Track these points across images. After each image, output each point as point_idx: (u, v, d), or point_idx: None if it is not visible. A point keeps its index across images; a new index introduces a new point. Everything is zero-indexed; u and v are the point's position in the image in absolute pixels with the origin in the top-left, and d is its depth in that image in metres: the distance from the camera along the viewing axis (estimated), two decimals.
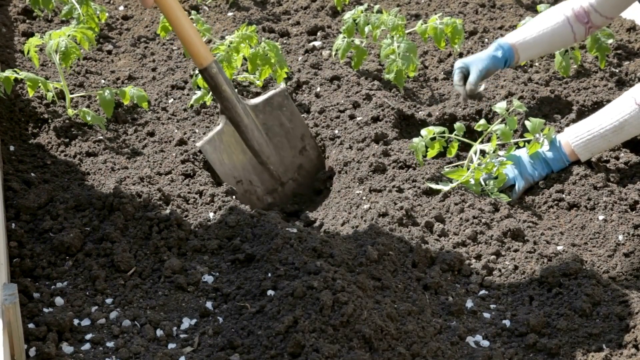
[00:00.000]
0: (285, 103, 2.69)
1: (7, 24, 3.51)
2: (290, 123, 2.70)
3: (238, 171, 2.63)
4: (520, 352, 2.05)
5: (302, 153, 2.77)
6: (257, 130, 2.62)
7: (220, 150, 2.60)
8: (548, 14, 2.88)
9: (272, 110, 2.67)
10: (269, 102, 2.68)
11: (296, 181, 2.76)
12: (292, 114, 2.72)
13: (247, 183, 2.65)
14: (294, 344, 1.87)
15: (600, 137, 2.65)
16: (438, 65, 3.48)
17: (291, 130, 2.71)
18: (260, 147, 2.64)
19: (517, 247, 2.38)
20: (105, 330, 1.99)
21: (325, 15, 3.86)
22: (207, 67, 2.54)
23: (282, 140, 2.68)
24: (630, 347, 2.03)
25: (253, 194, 2.66)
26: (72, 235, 2.20)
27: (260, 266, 2.17)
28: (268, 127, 2.66)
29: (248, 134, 2.61)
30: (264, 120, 2.65)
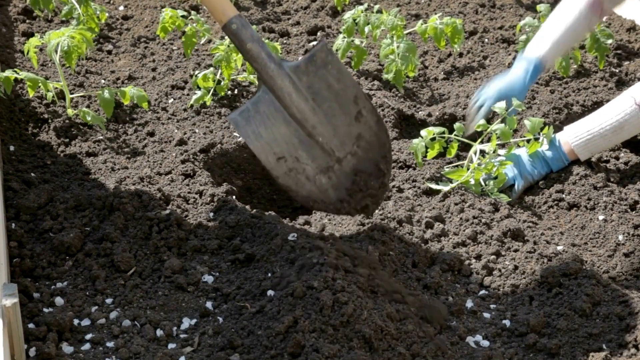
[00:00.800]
0: (330, 60, 2.21)
1: (7, 24, 3.51)
2: (339, 83, 2.22)
3: (280, 146, 2.20)
4: (520, 352, 2.05)
5: (358, 119, 2.27)
6: (299, 94, 2.18)
7: (256, 122, 2.17)
8: (563, 12, 2.83)
9: (316, 71, 2.20)
10: (311, 61, 2.20)
11: (356, 155, 2.28)
12: (340, 71, 2.23)
13: (292, 160, 2.22)
14: (294, 344, 1.87)
15: (600, 137, 2.65)
16: (438, 65, 3.48)
17: (341, 92, 2.22)
18: (303, 115, 2.19)
19: (517, 247, 2.38)
20: (105, 330, 1.99)
21: (325, 15, 3.86)
22: (227, 23, 2.17)
23: (333, 105, 2.21)
24: (630, 347, 2.03)
25: (301, 172, 2.24)
26: (72, 235, 2.20)
27: (260, 266, 2.17)
28: (314, 92, 2.19)
29: (286, 100, 2.17)
30: (308, 83, 2.19)
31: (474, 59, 3.52)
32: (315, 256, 2.10)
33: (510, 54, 3.53)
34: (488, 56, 3.54)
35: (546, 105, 3.11)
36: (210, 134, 2.93)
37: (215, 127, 2.97)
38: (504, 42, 3.63)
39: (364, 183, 2.29)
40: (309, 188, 2.25)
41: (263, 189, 3.01)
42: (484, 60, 3.51)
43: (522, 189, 2.69)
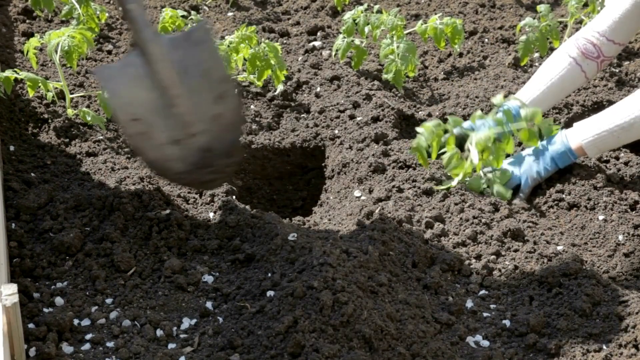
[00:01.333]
0: (205, 39, 2.25)
1: (7, 24, 3.51)
2: (209, 63, 2.25)
3: (138, 108, 2.19)
4: (520, 352, 2.05)
5: (219, 101, 2.27)
6: (168, 65, 2.18)
7: (121, 80, 2.19)
8: (553, 61, 2.79)
9: (190, 47, 2.22)
10: (187, 37, 2.24)
11: (210, 133, 2.27)
12: (212, 53, 2.27)
13: (146, 124, 2.21)
14: (294, 344, 1.87)
15: (609, 134, 2.59)
16: (438, 65, 3.49)
17: (210, 72, 2.25)
18: (169, 85, 2.19)
19: (517, 247, 2.38)
20: (105, 330, 1.99)
21: (325, 15, 3.86)
22: None
23: (199, 82, 2.22)
24: (630, 347, 2.03)
25: (151, 138, 2.22)
26: (72, 235, 2.20)
27: (260, 266, 2.17)
28: (184, 66, 2.20)
29: (156, 67, 2.17)
30: (180, 56, 2.20)
31: (474, 59, 3.52)
32: (315, 256, 2.10)
33: (510, 54, 3.53)
34: (488, 56, 3.54)
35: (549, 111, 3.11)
36: None
37: None
38: (504, 42, 3.64)
39: (211, 161, 2.29)
40: (156, 154, 2.25)
41: (263, 189, 3.02)
42: (484, 60, 3.51)
43: (530, 189, 2.66)
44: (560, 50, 2.81)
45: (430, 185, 2.62)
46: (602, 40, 2.73)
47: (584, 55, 2.74)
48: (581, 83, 2.84)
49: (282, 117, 3.10)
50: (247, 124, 2.86)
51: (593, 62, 2.75)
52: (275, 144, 2.96)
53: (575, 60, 2.75)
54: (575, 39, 2.78)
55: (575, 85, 2.84)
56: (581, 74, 2.77)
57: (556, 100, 2.85)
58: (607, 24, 2.73)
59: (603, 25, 2.74)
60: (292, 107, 3.14)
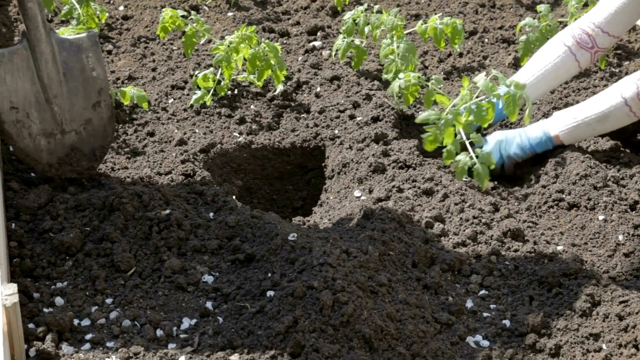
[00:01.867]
0: (93, 49, 2.44)
1: (7, 24, 3.51)
2: (91, 71, 2.45)
3: (18, 97, 2.37)
4: (520, 352, 2.05)
5: (94, 108, 2.49)
6: (54, 64, 2.39)
7: (6, 69, 2.35)
8: (548, 48, 2.84)
9: (77, 52, 2.43)
10: (76, 43, 2.43)
11: (79, 135, 2.49)
12: (97, 63, 2.47)
13: (23, 114, 2.40)
14: (294, 344, 1.87)
15: (585, 125, 2.72)
16: (438, 65, 3.49)
17: (91, 79, 2.45)
18: (50, 82, 2.39)
19: (517, 247, 2.38)
20: (105, 330, 1.99)
21: (325, 15, 3.86)
22: None
23: (78, 86, 2.44)
24: (630, 347, 2.03)
25: (26, 128, 2.42)
26: (72, 235, 2.20)
27: (260, 266, 2.17)
28: (67, 68, 2.42)
29: (41, 63, 2.37)
30: (65, 58, 2.41)
31: (474, 59, 3.52)
32: (315, 256, 2.10)
33: (510, 54, 3.53)
34: (488, 56, 3.54)
35: (546, 105, 3.11)
36: (210, 134, 2.93)
37: (215, 127, 2.97)
38: (504, 42, 3.64)
39: (75, 160, 2.50)
40: (27, 143, 2.43)
41: (263, 189, 3.02)
42: (484, 60, 3.51)
43: (511, 167, 2.79)
44: (556, 38, 2.86)
45: (430, 185, 2.62)
46: (597, 31, 2.78)
47: (578, 44, 2.78)
48: (574, 72, 2.88)
49: (282, 117, 3.10)
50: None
51: (587, 52, 2.79)
52: (275, 144, 2.96)
53: (570, 49, 2.79)
54: (571, 29, 2.82)
55: (568, 74, 2.88)
56: (575, 63, 2.82)
57: (549, 87, 2.89)
58: (603, 16, 2.77)
59: (599, 17, 2.78)
60: (292, 107, 3.14)
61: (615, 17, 2.76)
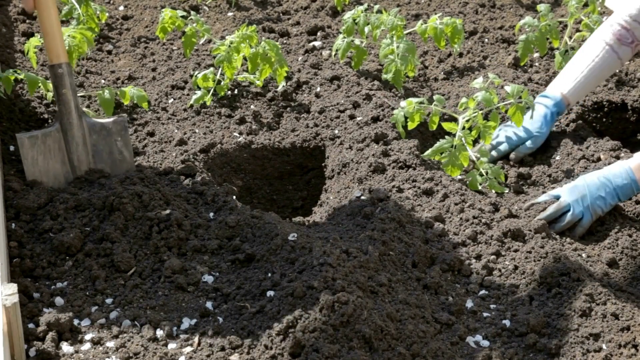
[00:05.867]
0: (122, 133, 2.54)
1: (7, 24, 3.51)
2: (119, 154, 2.54)
3: (48, 178, 2.46)
4: (520, 352, 2.05)
5: None
6: (84, 147, 2.49)
7: (39, 150, 2.45)
8: (589, 47, 2.80)
9: (106, 136, 2.52)
10: (106, 126, 2.52)
11: None
12: (125, 146, 2.56)
13: None
14: (294, 344, 1.87)
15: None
16: (438, 65, 3.49)
17: (118, 161, 2.54)
18: (80, 164, 2.49)
19: (517, 247, 2.38)
20: (105, 330, 1.99)
21: (325, 15, 3.86)
22: (56, 65, 2.46)
23: (105, 168, 2.52)
24: (630, 347, 2.03)
25: None
26: (72, 235, 2.20)
27: (260, 266, 2.17)
28: (96, 150, 2.51)
29: (72, 146, 2.47)
30: (95, 141, 2.51)
31: (474, 59, 3.52)
32: (315, 256, 2.10)
33: (510, 53, 3.53)
34: (488, 56, 3.54)
35: None
36: (210, 134, 2.93)
37: (215, 127, 2.97)
38: (504, 42, 3.64)
39: None
40: None
41: (263, 189, 3.02)
42: (484, 60, 3.51)
43: (590, 223, 2.49)
44: (596, 36, 2.81)
45: (430, 185, 2.62)
46: (634, 24, 2.74)
47: (619, 41, 2.75)
48: (617, 68, 2.86)
49: (282, 117, 3.10)
50: (248, 124, 2.87)
51: (628, 47, 2.77)
52: (275, 144, 2.96)
53: (612, 47, 2.76)
54: (610, 24, 2.78)
55: (611, 71, 2.85)
56: (618, 61, 2.79)
57: (594, 86, 2.86)
58: (636, 7, 2.73)
59: (632, 9, 2.74)
60: (292, 107, 3.14)
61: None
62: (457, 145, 2.63)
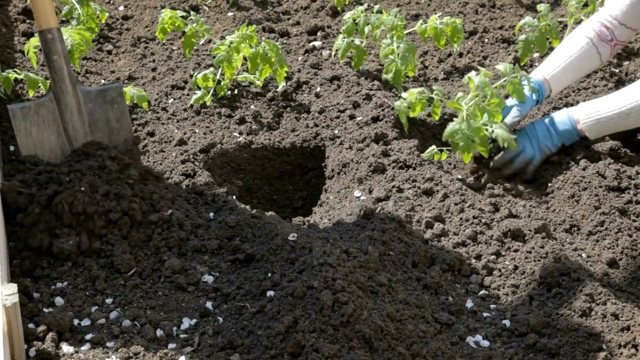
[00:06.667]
0: (118, 100, 2.45)
1: (7, 24, 3.51)
2: (116, 122, 2.45)
3: (43, 149, 2.36)
4: (520, 352, 2.05)
5: None
6: (80, 115, 2.38)
7: (32, 121, 2.34)
8: (572, 39, 2.86)
9: (102, 103, 2.43)
10: (101, 94, 2.43)
11: None
12: (122, 113, 2.47)
13: None
14: (294, 344, 1.87)
15: (607, 120, 2.69)
16: (438, 65, 3.49)
17: (116, 130, 2.45)
18: (76, 134, 2.38)
19: (517, 247, 2.38)
20: (105, 330, 1.99)
21: (325, 15, 3.86)
22: (45, 30, 2.34)
23: (104, 137, 2.43)
24: (630, 347, 2.03)
25: None
26: (71, 242, 2.18)
27: (260, 266, 2.17)
28: (93, 119, 2.41)
29: (67, 115, 2.37)
30: (91, 110, 2.41)
31: (474, 59, 3.52)
32: (315, 256, 2.10)
33: (510, 53, 3.53)
34: (488, 56, 3.54)
35: (546, 106, 3.11)
36: (210, 134, 2.93)
37: (215, 127, 2.97)
38: (504, 42, 3.64)
39: None
40: None
41: (263, 189, 3.01)
42: (484, 60, 3.51)
43: (539, 162, 2.76)
44: (578, 30, 2.87)
45: (430, 185, 2.62)
46: (614, 23, 2.79)
47: (599, 37, 2.80)
48: (596, 65, 2.89)
49: (282, 117, 3.10)
50: (249, 124, 2.88)
51: (607, 45, 2.81)
52: (275, 144, 2.96)
53: (592, 41, 2.81)
54: (591, 22, 2.84)
55: (590, 66, 2.89)
56: (597, 56, 2.83)
57: (573, 78, 2.90)
58: (620, 8, 2.79)
59: (616, 9, 2.80)
60: (292, 107, 3.14)
61: (631, 8, 2.77)
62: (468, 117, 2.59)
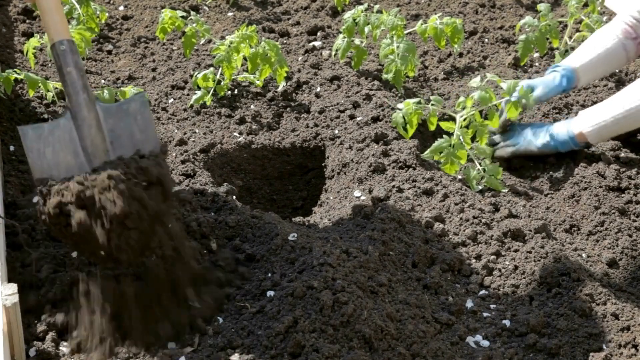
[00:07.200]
0: (141, 111, 2.16)
1: (7, 24, 3.51)
2: (141, 134, 2.15)
3: (59, 172, 2.07)
4: (520, 352, 2.05)
5: None
6: (99, 131, 2.09)
7: (46, 142, 2.08)
8: (602, 34, 2.88)
9: (124, 117, 2.14)
10: (122, 107, 2.15)
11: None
12: (147, 124, 2.17)
13: None
14: (294, 344, 1.87)
15: (611, 123, 2.69)
16: (438, 65, 3.48)
17: (141, 143, 2.14)
18: (95, 151, 2.09)
19: (517, 247, 2.38)
20: None
21: (325, 15, 3.86)
22: (57, 42, 2.11)
23: (128, 153, 2.12)
24: (630, 347, 2.03)
25: None
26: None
27: (260, 266, 2.17)
28: (115, 136, 2.12)
29: (84, 131, 2.08)
30: (112, 126, 2.12)
31: (474, 59, 3.52)
32: (315, 256, 2.10)
33: (510, 53, 3.53)
34: (488, 56, 3.54)
35: (546, 106, 3.11)
36: (210, 134, 2.93)
37: (215, 127, 2.97)
38: (504, 42, 3.63)
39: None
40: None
41: (263, 189, 3.01)
42: (484, 60, 3.51)
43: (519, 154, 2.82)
44: (609, 26, 2.89)
45: (430, 185, 2.62)
46: (635, 23, 2.81)
47: (624, 35, 2.82)
48: (623, 62, 2.91)
49: (282, 117, 3.10)
50: (247, 124, 2.88)
51: (632, 42, 2.83)
52: (275, 144, 2.96)
53: (620, 39, 2.83)
54: (618, 19, 2.86)
55: (618, 63, 2.91)
56: (623, 53, 2.85)
57: (600, 73, 2.92)
58: (638, 8, 2.81)
59: (634, 11, 2.81)
60: (292, 107, 3.14)
61: None
62: (455, 144, 2.64)
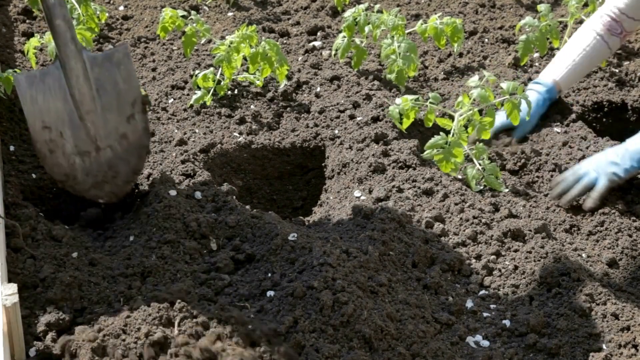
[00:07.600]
0: (124, 61, 2.37)
1: (7, 24, 3.51)
2: (124, 84, 2.37)
3: (50, 117, 2.30)
4: (520, 352, 2.05)
5: (129, 121, 2.41)
6: (86, 80, 2.31)
7: (38, 89, 2.29)
8: (580, 37, 2.89)
9: (109, 67, 2.35)
10: (108, 57, 2.36)
11: (114, 151, 2.39)
12: (129, 75, 2.39)
13: (56, 133, 2.32)
14: (294, 344, 1.87)
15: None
16: (438, 65, 3.48)
17: (123, 92, 2.37)
18: (82, 98, 2.31)
19: (517, 247, 2.38)
20: None
21: (325, 15, 3.86)
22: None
23: (112, 101, 2.35)
24: (630, 347, 2.03)
25: (59, 147, 2.33)
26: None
27: (260, 266, 2.17)
28: (100, 84, 2.34)
29: (72, 80, 2.30)
30: (98, 74, 2.34)
31: (474, 59, 3.52)
32: (315, 256, 2.10)
33: (510, 53, 3.53)
34: (488, 56, 3.54)
35: None
36: (210, 134, 2.93)
37: (215, 127, 2.97)
38: (504, 42, 3.64)
39: (112, 176, 2.40)
40: (61, 162, 2.34)
41: (263, 189, 3.01)
42: (484, 60, 3.51)
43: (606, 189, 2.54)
44: (587, 26, 2.91)
45: (430, 185, 2.62)
46: (622, 17, 2.83)
47: (608, 31, 2.85)
48: (607, 56, 2.95)
49: (282, 117, 3.10)
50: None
51: (617, 37, 2.87)
52: (275, 144, 2.96)
53: (602, 37, 2.86)
54: (600, 15, 2.87)
55: (601, 59, 2.95)
56: (607, 50, 2.89)
57: (584, 74, 2.96)
58: (624, 1, 2.83)
59: (620, 2, 2.83)
60: (292, 107, 3.14)
61: (635, 2, 2.80)
62: (451, 141, 2.62)
